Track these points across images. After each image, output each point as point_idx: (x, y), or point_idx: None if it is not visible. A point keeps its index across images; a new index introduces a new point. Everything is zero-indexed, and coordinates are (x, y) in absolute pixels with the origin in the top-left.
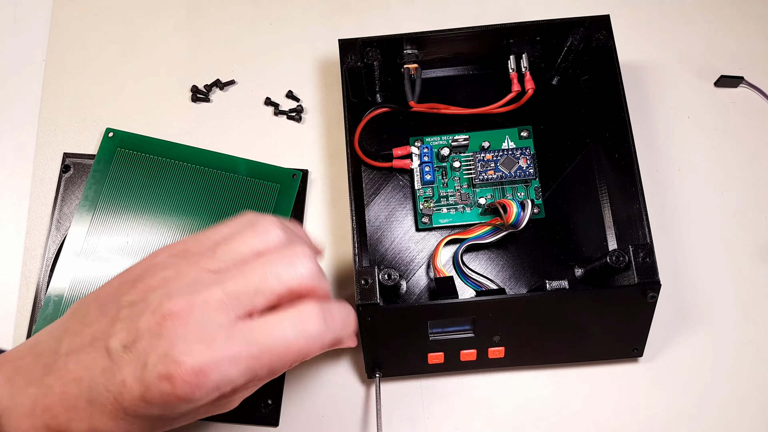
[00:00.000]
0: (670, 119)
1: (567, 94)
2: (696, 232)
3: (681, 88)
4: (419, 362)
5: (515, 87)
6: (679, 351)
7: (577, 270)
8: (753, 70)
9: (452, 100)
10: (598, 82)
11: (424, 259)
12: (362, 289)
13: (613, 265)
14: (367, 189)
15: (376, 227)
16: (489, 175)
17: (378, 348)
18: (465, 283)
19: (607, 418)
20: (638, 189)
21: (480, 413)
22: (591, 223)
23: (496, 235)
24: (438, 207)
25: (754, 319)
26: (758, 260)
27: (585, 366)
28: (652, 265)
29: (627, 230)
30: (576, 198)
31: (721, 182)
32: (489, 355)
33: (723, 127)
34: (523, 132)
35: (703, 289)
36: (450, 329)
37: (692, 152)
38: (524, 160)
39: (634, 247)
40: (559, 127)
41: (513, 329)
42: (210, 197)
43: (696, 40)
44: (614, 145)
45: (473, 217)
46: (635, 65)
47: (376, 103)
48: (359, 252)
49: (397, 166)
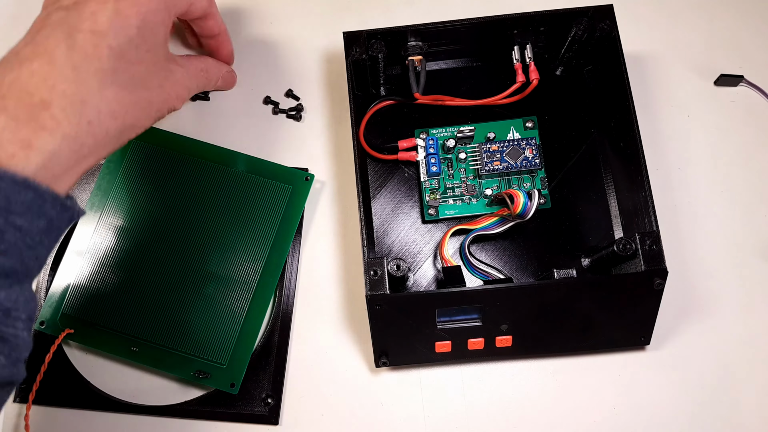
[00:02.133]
0: (670, 118)
1: (571, 85)
2: (696, 230)
3: (681, 86)
4: (427, 351)
5: (520, 77)
6: (685, 340)
7: (584, 260)
8: (753, 69)
9: (457, 92)
10: (602, 72)
11: (430, 251)
12: (371, 279)
13: (620, 253)
14: (373, 182)
15: (382, 220)
16: (495, 165)
17: (386, 337)
18: (472, 273)
19: (613, 407)
20: (644, 177)
21: (486, 403)
22: (597, 212)
23: (503, 226)
24: (444, 198)
25: (757, 313)
26: (759, 259)
27: (592, 355)
28: (659, 252)
29: (633, 219)
30: (582, 188)
31: (720, 181)
32: (496, 344)
33: (723, 125)
34: (528, 123)
35: (703, 287)
36: (458, 318)
37: (692, 151)
38: (530, 151)
39: (640, 235)
40: (564, 118)
41: (521, 318)
42: (219, 195)
43: (696, 38)
44: (619, 135)
45: (479, 208)
46: (636, 56)
47: (380, 96)
48: (367, 244)
49: (403, 158)
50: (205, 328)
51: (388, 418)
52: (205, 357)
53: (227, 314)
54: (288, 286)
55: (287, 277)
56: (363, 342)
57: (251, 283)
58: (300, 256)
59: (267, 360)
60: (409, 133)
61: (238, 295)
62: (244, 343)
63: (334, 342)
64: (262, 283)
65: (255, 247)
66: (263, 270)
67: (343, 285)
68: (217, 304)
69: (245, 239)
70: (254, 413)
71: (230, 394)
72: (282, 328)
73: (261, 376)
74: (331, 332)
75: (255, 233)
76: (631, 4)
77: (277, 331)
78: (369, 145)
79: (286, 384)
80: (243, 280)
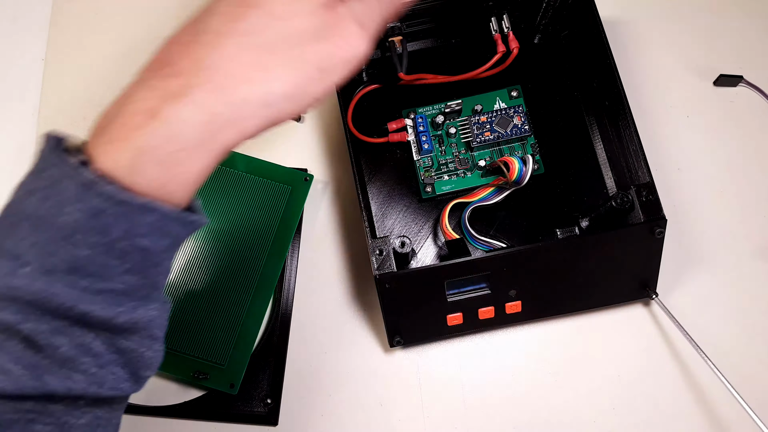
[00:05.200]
0: (669, 118)
1: (550, 51)
2: (696, 229)
3: (680, 87)
4: (439, 325)
5: (500, 48)
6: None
7: (582, 221)
8: (752, 70)
9: (439, 70)
10: (580, 36)
11: (431, 228)
12: (378, 259)
13: (618, 207)
14: (367, 168)
15: (380, 203)
16: (486, 136)
17: (397, 316)
18: (475, 245)
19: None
20: (632, 131)
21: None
22: (589, 172)
23: (500, 195)
24: (439, 175)
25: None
26: (759, 260)
27: (600, 311)
28: (656, 202)
29: (626, 173)
30: (572, 150)
31: (720, 181)
32: (506, 311)
33: (722, 126)
34: (513, 92)
35: (703, 286)
36: (467, 288)
37: (691, 151)
38: (518, 118)
39: (636, 187)
40: (547, 84)
41: (528, 281)
42: (218, 195)
43: (695, 39)
44: (603, 94)
45: (475, 180)
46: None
47: (363, 82)
48: (370, 225)
49: (394, 140)
50: (205, 329)
51: (388, 418)
52: (205, 358)
53: (226, 315)
54: (287, 286)
55: (286, 278)
56: (362, 342)
57: (250, 284)
58: (299, 256)
59: (266, 360)
60: (396, 115)
61: (237, 295)
62: (243, 344)
63: (333, 342)
64: (261, 284)
65: (254, 248)
66: (262, 270)
67: (342, 286)
68: (216, 304)
69: (244, 240)
70: (253, 413)
71: (229, 395)
72: (281, 329)
73: (260, 376)
74: (330, 332)
75: (254, 234)
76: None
77: (276, 332)
78: (359, 131)
79: (285, 384)
80: (242, 281)
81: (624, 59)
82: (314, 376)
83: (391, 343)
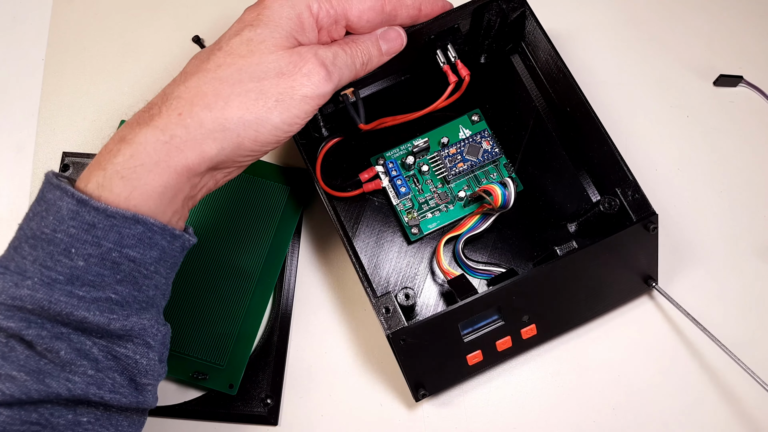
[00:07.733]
0: (669, 118)
1: (499, 68)
2: (696, 229)
3: (680, 87)
4: (460, 367)
5: (452, 78)
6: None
7: (570, 226)
8: (752, 70)
9: (398, 110)
10: (527, 49)
11: (427, 268)
12: (386, 318)
13: (607, 211)
14: (348, 221)
15: (370, 255)
16: (459, 167)
17: (418, 369)
18: (474, 276)
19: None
20: (603, 132)
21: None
22: (566, 179)
23: (488, 221)
24: (422, 214)
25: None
26: (758, 260)
27: (609, 314)
28: (643, 198)
29: (605, 174)
30: (543, 161)
31: (720, 181)
32: (523, 336)
33: (722, 126)
34: (473, 116)
35: (704, 287)
36: (480, 324)
37: (691, 151)
38: (486, 143)
39: (621, 189)
40: (504, 101)
41: (538, 304)
42: (216, 195)
43: (695, 39)
44: (562, 101)
45: (458, 212)
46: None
47: (324, 138)
48: (368, 284)
49: (369, 189)
50: (204, 329)
51: (387, 419)
52: (204, 358)
53: (226, 315)
54: (287, 286)
55: (286, 278)
56: (362, 342)
57: (250, 284)
58: (299, 256)
59: (266, 360)
60: (365, 164)
61: (236, 295)
62: (242, 344)
63: (333, 342)
64: (260, 284)
65: (253, 248)
66: (262, 270)
67: (342, 285)
68: (215, 304)
69: (243, 240)
70: (253, 414)
71: (229, 395)
72: (281, 329)
73: (260, 376)
74: (330, 332)
75: (253, 234)
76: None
77: (276, 332)
78: (333, 187)
79: (285, 384)
80: (241, 281)
81: (624, 59)
82: (314, 375)
83: (417, 398)
